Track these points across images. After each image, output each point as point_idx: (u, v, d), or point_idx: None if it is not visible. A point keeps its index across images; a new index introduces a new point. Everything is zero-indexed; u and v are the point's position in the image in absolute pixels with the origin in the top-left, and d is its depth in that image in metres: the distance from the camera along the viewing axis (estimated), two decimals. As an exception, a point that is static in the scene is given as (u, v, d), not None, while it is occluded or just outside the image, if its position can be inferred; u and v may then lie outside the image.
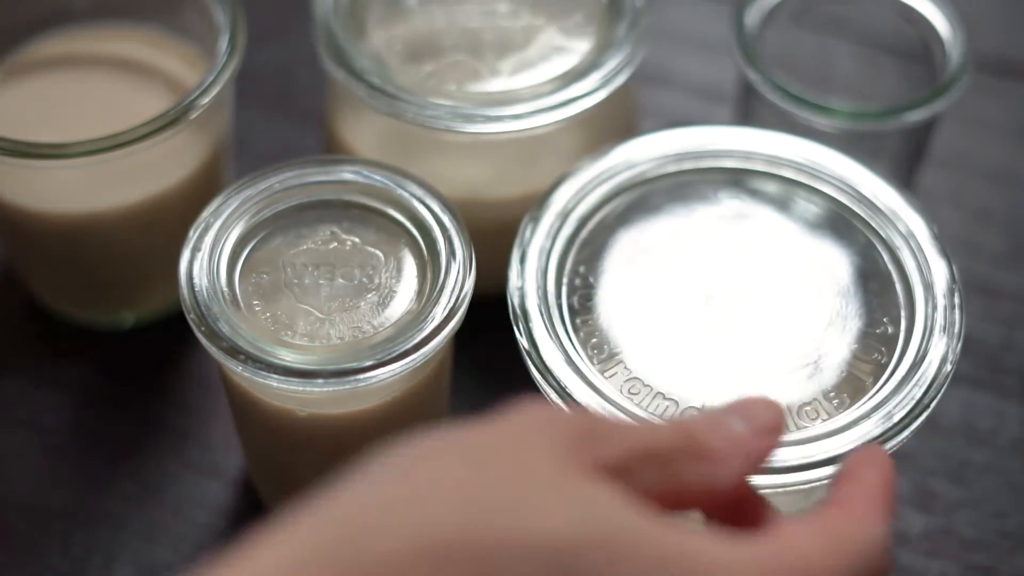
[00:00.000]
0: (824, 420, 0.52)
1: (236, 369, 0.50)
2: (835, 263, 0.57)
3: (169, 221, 0.62)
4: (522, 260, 0.55)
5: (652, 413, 0.52)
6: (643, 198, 0.59)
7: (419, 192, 0.55)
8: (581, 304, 0.55)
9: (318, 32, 0.63)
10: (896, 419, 0.51)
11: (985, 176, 0.74)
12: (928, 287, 0.55)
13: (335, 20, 0.62)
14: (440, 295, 0.52)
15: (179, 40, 0.66)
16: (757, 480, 0.50)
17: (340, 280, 0.53)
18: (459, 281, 0.52)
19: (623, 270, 0.57)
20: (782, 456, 0.50)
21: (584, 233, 0.57)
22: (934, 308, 0.54)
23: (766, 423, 0.42)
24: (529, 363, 0.53)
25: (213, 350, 0.51)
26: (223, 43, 0.61)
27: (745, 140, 0.60)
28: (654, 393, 0.53)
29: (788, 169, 0.59)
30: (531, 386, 0.54)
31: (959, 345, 0.53)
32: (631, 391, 0.53)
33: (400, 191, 0.55)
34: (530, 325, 0.54)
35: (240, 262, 0.54)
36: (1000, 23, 0.81)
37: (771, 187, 0.59)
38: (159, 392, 0.65)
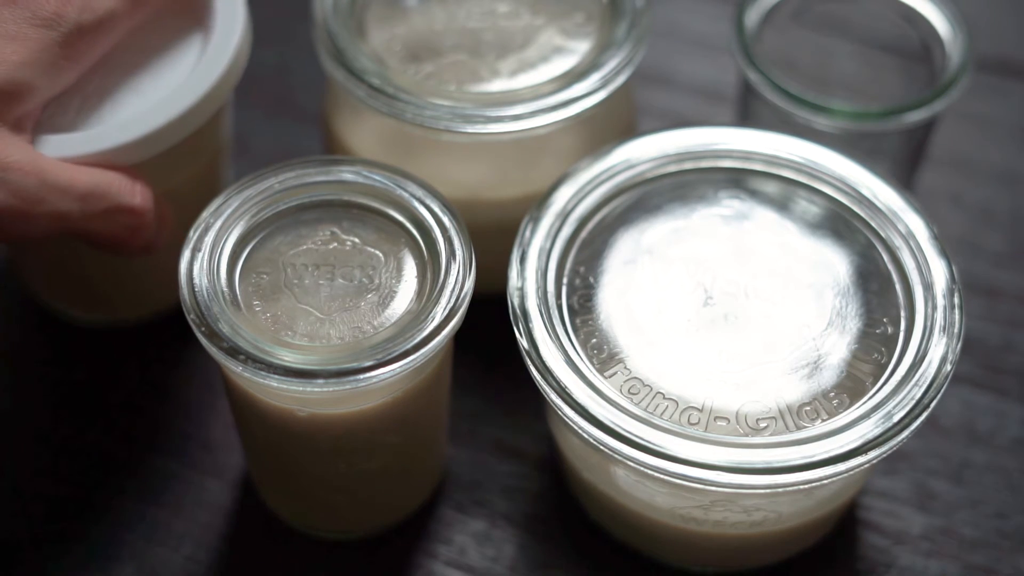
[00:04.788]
0: (824, 420, 0.52)
1: (236, 369, 0.50)
2: (835, 263, 0.57)
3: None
4: (522, 260, 0.55)
5: (652, 413, 0.52)
6: (643, 198, 0.59)
7: (419, 192, 0.55)
8: (581, 304, 0.55)
9: (318, 32, 0.63)
10: (896, 419, 0.51)
11: (985, 176, 0.74)
12: (928, 287, 0.55)
13: (335, 20, 0.62)
14: (440, 295, 0.52)
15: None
16: (759, 480, 0.50)
17: (340, 280, 0.53)
18: (459, 281, 0.52)
19: (623, 270, 0.57)
20: (782, 456, 0.50)
21: (584, 233, 0.57)
22: (934, 308, 0.54)
23: None
24: (529, 363, 0.53)
25: (213, 350, 0.51)
26: (223, 43, 0.61)
27: (745, 140, 0.60)
28: (654, 393, 0.53)
29: (788, 169, 0.59)
30: (531, 386, 0.54)
31: (959, 345, 0.53)
32: (631, 391, 0.53)
33: (400, 191, 0.55)
34: (530, 325, 0.54)
35: (240, 262, 0.54)
36: (1000, 23, 0.81)
37: (771, 187, 0.59)
38: (159, 392, 0.65)
